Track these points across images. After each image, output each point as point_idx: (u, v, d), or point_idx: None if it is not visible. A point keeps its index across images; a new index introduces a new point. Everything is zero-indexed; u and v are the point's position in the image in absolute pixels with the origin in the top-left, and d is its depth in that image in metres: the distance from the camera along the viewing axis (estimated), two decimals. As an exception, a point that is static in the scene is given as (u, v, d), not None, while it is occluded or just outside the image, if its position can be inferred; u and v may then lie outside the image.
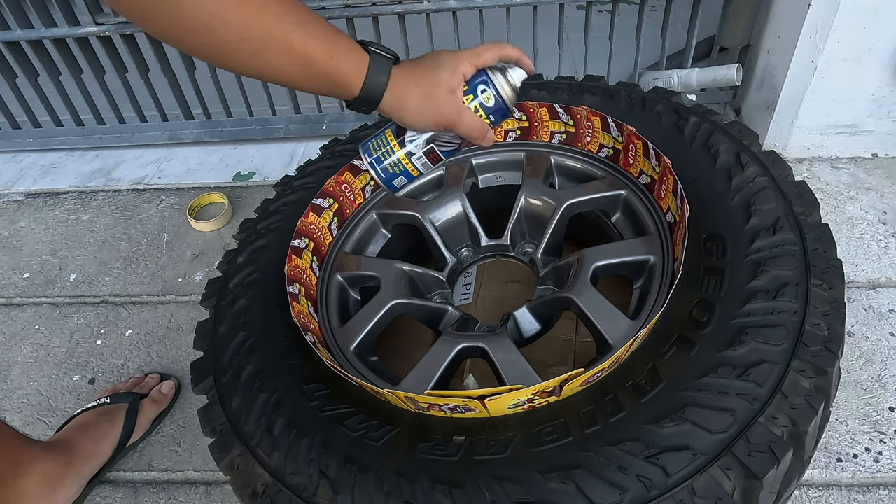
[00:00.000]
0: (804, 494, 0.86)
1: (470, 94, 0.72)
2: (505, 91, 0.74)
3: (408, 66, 0.70)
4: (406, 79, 0.69)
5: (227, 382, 0.77)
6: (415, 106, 0.70)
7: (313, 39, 0.62)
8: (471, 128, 0.73)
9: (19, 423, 1.09)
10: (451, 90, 0.70)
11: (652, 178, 0.88)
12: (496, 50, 0.74)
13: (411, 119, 0.71)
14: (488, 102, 0.73)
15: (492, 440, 0.64)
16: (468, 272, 1.05)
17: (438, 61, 0.71)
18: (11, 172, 1.68)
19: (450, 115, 0.71)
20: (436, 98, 0.70)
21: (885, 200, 1.25)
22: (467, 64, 0.71)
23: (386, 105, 0.69)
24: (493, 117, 0.75)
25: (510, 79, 0.74)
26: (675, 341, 0.68)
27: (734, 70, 1.36)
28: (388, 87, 0.68)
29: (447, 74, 0.70)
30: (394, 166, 0.77)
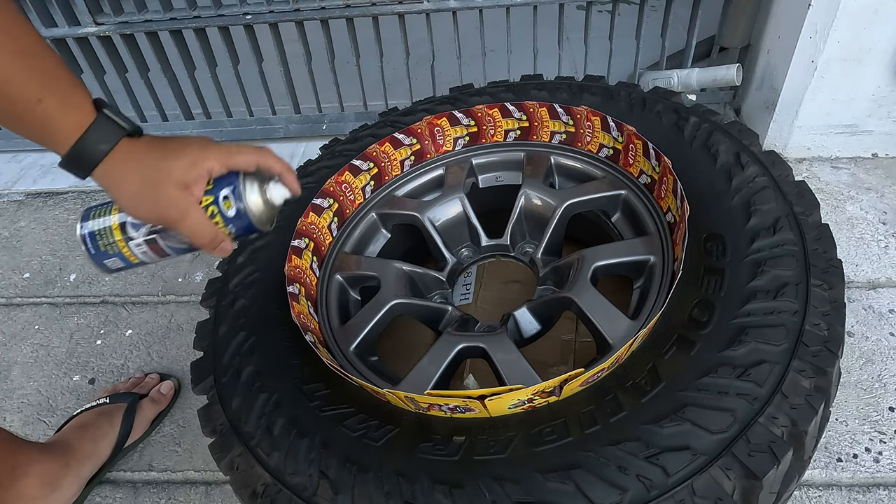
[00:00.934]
0: (804, 494, 0.86)
1: (210, 196, 0.63)
2: (252, 203, 0.64)
3: (144, 142, 0.60)
4: (131, 158, 0.59)
5: (227, 382, 0.77)
6: (131, 189, 0.59)
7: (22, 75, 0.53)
8: (196, 233, 0.63)
9: (19, 423, 1.09)
10: (183, 185, 0.60)
11: (652, 178, 0.88)
12: (254, 157, 0.64)
13: (125, 205, 0.61)
14: (228, 211, 0.63)
15: (492, 440, 0.64)
16: (468, 272, 1.05)
17: (181, 148, 0.61)
18: (11, 172, 1.68)
19: (170, 212, 0.61)
20: (159, 189, 0.59)
21: (885, 200, 1.25)
22: (215, 160, 0.62)
23: (98, 177, 0.59)
24: (234, 229, 0.65)
25: (266, 192, 0.65)
26: (675, 341, 0.68)
27: (734, 70, 1.36)
28: (105, 161, 0.58)
29: (183, 165, 0.60)
30: (108, 245, 0.65)
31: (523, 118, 1.01)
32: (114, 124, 0.58)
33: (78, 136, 0.56)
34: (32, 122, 0.56)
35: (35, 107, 0.54)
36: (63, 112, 0.56)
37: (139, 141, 0.60)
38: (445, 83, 1.33)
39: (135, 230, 0.65)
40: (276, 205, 0.67)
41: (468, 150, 1.05)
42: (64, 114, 0.56)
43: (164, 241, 0.66)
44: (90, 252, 0.66)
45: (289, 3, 1.38)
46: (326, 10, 1.38)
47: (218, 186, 0.63)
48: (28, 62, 0.54)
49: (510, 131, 1.03)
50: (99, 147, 0.57)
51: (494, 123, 1.02)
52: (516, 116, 1.01)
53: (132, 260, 0.67)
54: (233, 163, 0.63)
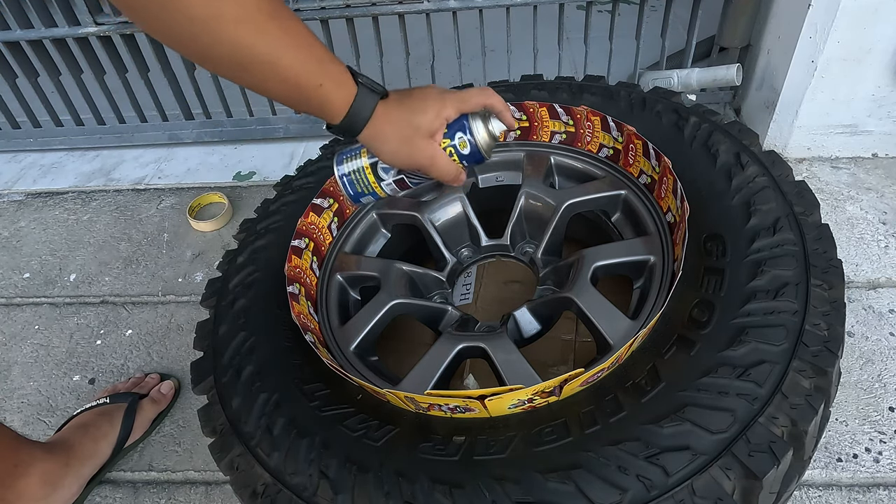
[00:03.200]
0: (804, 494, 0.86)
1: (448, 139, 0.74)
2: (482, 140, 0.74)
3: (393, 102, 0.70)
4: (387, 117, 0.69)
5: (227, 382, 0.77)
6: (391, 147, 0.71)
7: (304, 66, 0.62)
8: (442, 172, 0.74)
9: (19, 423, 1.09)
10: (429, 134, 0.71)
11: (652, 178, 0.88)
12: (483, 97, 0.75)
13: (386, 156, 0.73)
14: (464, 150, 0.74)
15: (492, 440, 0.64)
16: (468, 272, 1.05)
17: (424, 103, 0.71)
18: (11, 172, 1.68)
19: (423, 160, 0.72)
20: (412, 143, 0.71)
21: (885, 200, 1.25)
22: (451, 108, 0.72)
23: (364, 138, 0.70)
24: (467, 162, 0.76)
25: (490, 128, 0.75)
26: (675, 341, 0.68)
27: (734, 70, 1.36)
28: (369, 123, 0.69)
29: (429, 118, 0.71)
30: (362, 185, 0.78)
31: (523, 118, 1.01)
32: (370, 92, 0.68)
33: (347, 109, 0.67)
34: (314, 103, 0.66)
35: (318, 91, 0.64)
36: (335, 90, 0.66)
37: (389, 101, 0.70)
38: (445, 83, 1.33)
39: (385, 173, 0.77)
40: (497, 136, 0.76)
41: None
42: (335, 91, 0.66)
43: (409, 178, 0.78)
44: (348, 192, 0.79)
45: (289, 3, 1.38)
46: (326, 10, 1.38)
47: (452, 129, 0.74)
48: (309, 54, 0.63)
49: (510, 131, 1.03)
50: (363, 115, 0.68)
51: (494, 123, 1.02)
52: (516, 116, 1.01)
53: (381, 196, 0.80)
54: (466, 108, 0.74)
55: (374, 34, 1.41)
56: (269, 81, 0.62)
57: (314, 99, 0.65)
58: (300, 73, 0.62)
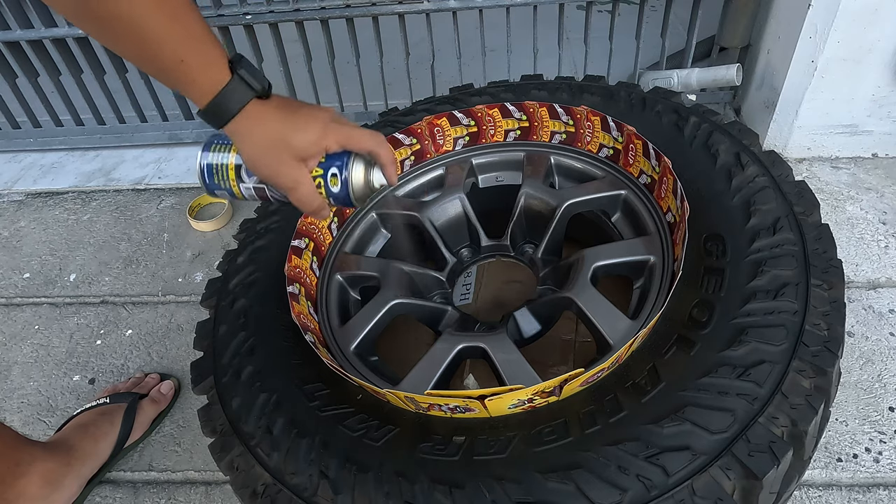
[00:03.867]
0: (804, 494, 0.86)
1: (321, 169, 0.68)
2: (357, 185, 0.69)
3: (273, 107, 0.64)
4: (260, 120, 0.64)
5: (227, 382, 0.77)
6: (255, 153, 0.65)
7: (171, 36, 0.58)
8: (303, 202, 0.68)
9: (19, 423, 1.09)
10: (301, 157, 0.65)
11: (652, 178, 0.88)
12: (372, 143, 0.69)
13: (246, 161, 0.67)
14: (333, 187, 0.69)
15: (492, 440, 0.64)
16: (468, 272, 1.05)
17: (307, 123, 0.65)
18: (11, 172, 1.68)
19: (285, 182, 0.66)
20: (279, 159, 0.65)
21: (885, 200, 1.25)
22: (334, 140, 0.67)
23: (228, 132, 0.65)
24: (334, 201, 0.71)
25: (370, 177, 0.70)
26: (675, 341, 0.68)
27: (734, 70, 1.36)
28: (236, 119, 0.63)
29: (307, 141, 0.65)
30: (221, 180, 0.72)
31: (523, 118, 1.01)
32: (245, 86, 0.62)
33: (213, 96, 0.61)
34: (174, 79, 0.61)
35: (178, 66, 0.59)
36: (201, 72, 0.60)
37: (269, 103, 0.64)
38: (445, 83, 1.33)
39: (248, 175, 0.71)
40: (376, 188, 0.72)
41: (468, 150, 1.05)
42: (202, 74, 0.61)
43: (270, 191, 0.72)
44: (205, 181, 0.73)
45: (289, 3, 1.38)
46: (326, 10, 1.38)
47: (329, 162, 0.68)
48: (181, 27, 0.58)
49: (510, 131, 1.03)
50: (230, 107, 0.62)
51: (494, 123, 1.02)
52: (516, 116, 1.01)
53: (238, 196, 0.74)
54: (350, 146, 0.68)
55: (374, 34, 1.41)
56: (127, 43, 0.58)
57: (174, 73, 0.60)
58: (163, 43, 0.58)
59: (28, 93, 1.63)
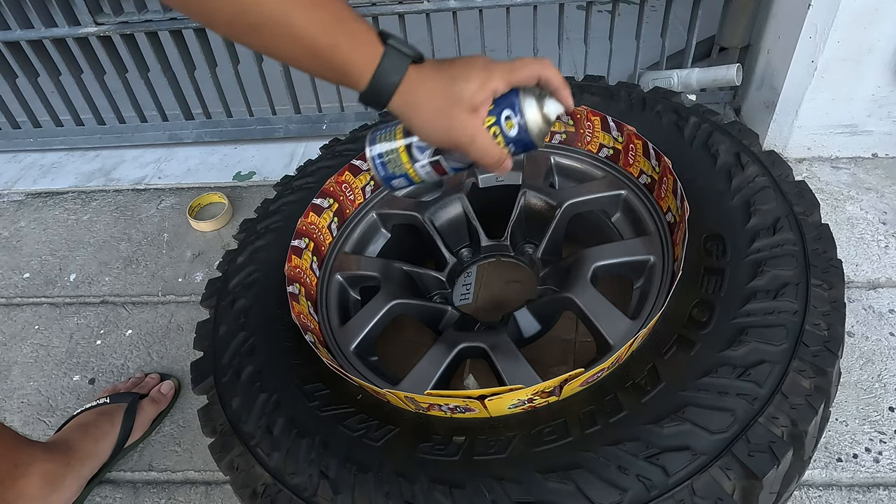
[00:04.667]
0: (804, 494, 0.86)
1: (493, 116, 0.63)
2: (533, 123, 0.64)
3: (430, 68, 0.62)
4: (422, 84, 0.61)
5: (227, 382, 0.77)
6: (425, 118, 0.62)
7: (318, 25, 0.56)
8: (483, 154, 0.64)
9: (19, 423, 1.09)
10: (471, 108, 0.61)
11: (652, 178, 0.88)
12: (537, 68, 0.64)
13: (419, 130, 0.64)
14: (510, 131, 0.64)
15: (492, 440, 0.64)
16: (468, 272, 1.05)
17: (467, 71, 0.62)
18: (11, 172, 1.68)
19: (461, 137, 0.62)
20: (449, 116, 0.61)
21: (885, 200, 1.25)
22: (499, 80, 0.62)
23: (394, 108, 0.62)
24: (514, 147, 0.65)
25: (544, 110, 0.64)
26: (675, 341, 0.68)
27: (734, 70, 1.36)
28: (399, 90, 0.60)
29: (472, 89, 0.61)
30: (395, 167, 0.69)
31: (523, 118, 1.00)
32: (400, 54, 0.60)
33: (372, 72, 0.59)
34: (333, 65, 0.59)
35: (335, 52, 0.58)
36: (356, 52, 0.59)
37: (425, 66, 0.62)
38: (445, 83, 1.33)
39: (420, 153, 0.68)
40: (552, 120, 0.66)
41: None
42: (358, 52, 0.59)
43: (446, 161, 0.69)
44: (380, 174, 0.71)
45: (289, 3, 1.38)
46: (326, 10, 1.38)
47: (499, 105, 0.64)
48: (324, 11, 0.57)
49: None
50: (391, 79, 0.60)
51: (494, 123, 1.02)
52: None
53: (416, 180, 0.71)
54: (516, 80, 0.64)
55: (374, 34, 1.41)
56: (281, 43, 0.57)
57: (332, 61, 0.58)
58: (313, 32, 0.56)
59: (28, 93, 1.63)
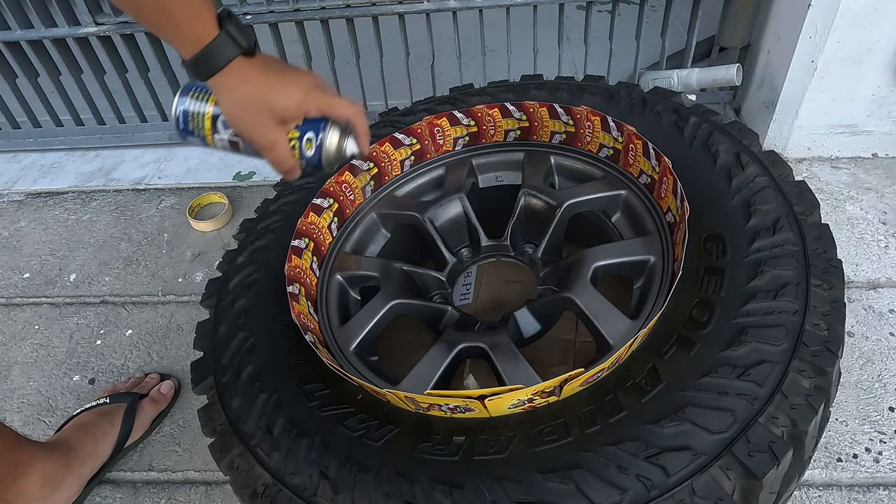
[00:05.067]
0: (804, 494, 0.86)
1: (298, 132, 0.70)
2: (330, 151, 0.71)
3: (257, 67, 0.65)
4: (245, 77, 0.64)
5: (227, 382, 0.77)
6: (235, 108, 0.66)
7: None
8: (277, 161, 0.70)
9: (19, 423, 1.09)
10: (280, 120, 0.67)
11: (652, 178, 0.88)
12: (350, 112, 0.70)
13: (225, 114, 0.68)
14: (307, 151, 0.70)
15: (492, 440, 0.64)
16: (468, 272, 1.05)
17: (290, 87, 0.67)
18: (11, 172, 1.68)
19: (261, 140, 0.68)
20: (257, 117, 0.66)
21: (885, 200, 1.25)
22: (314, 106, 0.68)
23: (211, 84, 0.66)
24: (305, 163, 0.72)
25: (342, 144, 0.72)
26: (675, 341, 0.68)
27: (734, 70, 1.36)
28: (220, 73, 0.64)
29: (288, 105, 0.66)
30: (196, 127, 0.73)
31: (523, 118, 1.01)
32: (232, 42, 0.63)
33: (198, 50, 0.62)
34: (162, 28, 0.62)
35: (164, 17, 0.60)
36: (187, 25, 0.61)
37: (254, 62, 0.65)
38: (445, 83, 1.33)
39: (224, 128, 0.72)
40: (347, 157, 0.73)
41: (468, 150, 1.05)
42: (188, 27, 0.61)
43: (244, 145, 0.73)
44: (178, 126, 0.74)
45: (289, 3, 1.38)
46: (326, 10, 1.38)
47: (306, 126, 0.70)
48: None
49: (510, 131, 1.03)
50: (213, 63, 0.63)
51: (494, 123, 1.02)
52: (516, 116, 1.01)
53: (211, 146, 0.75)
54: (328, 112, 0.70)
55: (374, 34, 1.41)
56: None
57: (161, 24, 0.61)
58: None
59: (28, 93, 1.63)
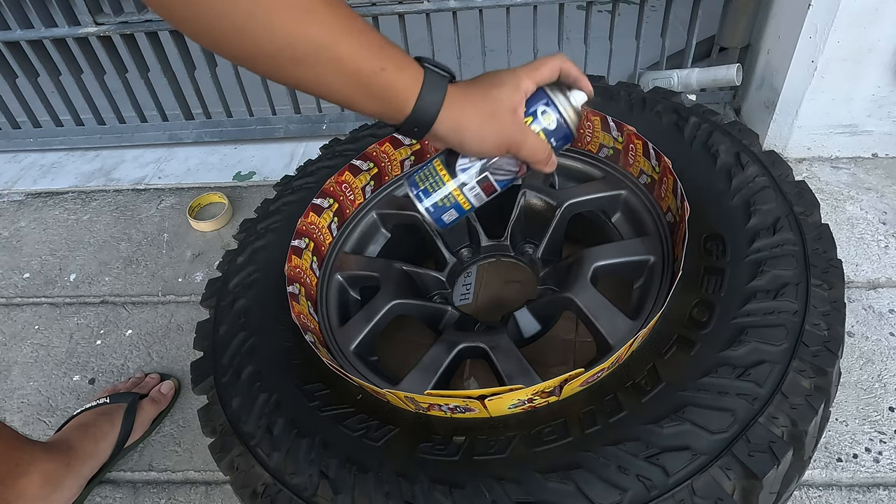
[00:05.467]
0: (804, 494, 0.86)
1: (529, 116, 0.67)
2: (568, 112, 0.68)
3: (463, 84, 0.64)
4: (463, 98, 0.63)
5: (227, 382, 0.77)
6: (475, 127, 0.63)
7: (363, 51, 0.57)
8: (535, 150, 0.67)
9: (19, 423, 1.09)
10: (512, 109, 0.65)
11: (652, 178, 0.88)
12: (557, 62, 0.68)
13: (471, 142, 0.65)
14: (550, 125, 0.67)
15: (492, 440, 0.64)
16: (468, 272, 1.05)
17: (496, 79, 0.65)
18: (11, 172, 1.68)
19: (514, 135, 0.65)
20: (498, 118, 0.64)
21: (885, 200, 1.25)
22: (528, 80, 0.66)
23: (442, 126, 0.63)
24: (555, 141, 0.68)
25: (572, 100, 0.69)
26: (675, 341, 0.68)
27: (734, 70, 1.36)
28: (444, 107, 0.62)
29: (508, 92, 0.64)
30: (444, 199, 0.70)
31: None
32: (439, 75, 0.62)
33: (417, 94, 0.61)
34: (378, 91, 0.60)
35: (380, 76, 0.59)
36: (399, 74, 0.60)
37: (459, 84, 0.64)
38: (445, 83, 1.33)
39: (465, 175, 0.70)
40: (579, 108, 0.70)
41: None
42: (401, 75, 0.60)
43: (493, 176, 0.70)
44: (429, 212, 0.71)
45: (289, 3, 1.38)
46: (326, 10, 1.38)
47: (532, 104, 0.67)
48: (367, 39, 0.58)
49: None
50: (435, 98, 0.61)
51: (494, 123, 1.02)
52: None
53: (465, 207, 0.72)
54: (540, 77, 0.67)
55: (374, 34, 1.41)
56: (327, 72, 0.57)
57: (377, 87, 0.59)
58: (360, 59, 0.57)
59: (28, 93, 1.63)
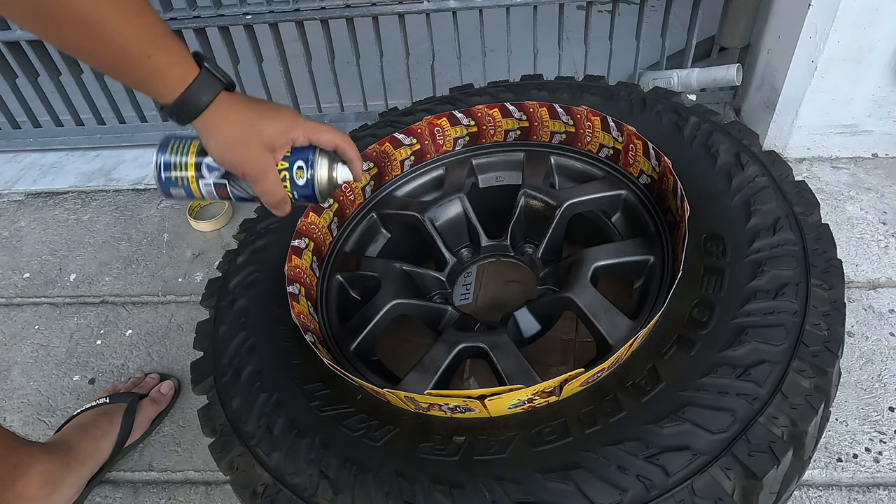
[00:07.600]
0: (804, 494, 0.86)
1: (286, 162, 0.69)
2: (321, 179, 0.71)
3: (240, 99, 0.66)
4: (231, 110, 0.65)
5: (227, 382, 0.78)
6: (224, 141, 0.66)
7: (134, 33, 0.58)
8: (270, 191, 0.69)
9: (19, 423, 1.09)
10: (270, 147, 0.67)
11: (652, 178, 0.88)
12: (337, 139, 0.71)
13: (215, 151, 0.67)
14: (299, 180, 0.70)
15: (492, 440, 0.64)
16: (468, 272, 1.05)
17: (275, 114, 0.68)
18: (11, 172, 1.68)
19: (254, 169, 0.67)
20: (248, 146, 0.66)
21: (885, 200, 1.25)
22: (302, 133, 0.69)
23: (197, 125, 0.65)
24: (297, 195, 0.71)
25: (333, 172, 0.72)
26: (675, 341, 0.68)
27: (734, 70, 1.36)
28: (207, 110, 0.64)
29: (276, 130, 0.67)
30: (178, 179, 0.72)
31: (523, 118, 1.01)
32: (214, 78, 0.64)
33: (183, 89, 0.62)
34: (139, 76, 0.61)
35: (146, 62, 0.59)
36: (169, 67, 0.61)
37: (235, 96, 0.66)
38: (445, 83, 1.33)
39: (209, 172, 0.71)
40: (339, 184, 0.73)
41: (468, 150, 1.05)
42: (170, 69, 0.61)
43: (231, 187, 0.72)
44: (160, 179, 0.72)
45: (289, 3, 1.38)
46: (326, 10, 1.38)
47: (295, 155, 0.70)
48: (143, 25, 0.58)
49: (510, 131, 1.03)
50: (201, 98, 0.63)
51: (494, 123, 1.02)
52: (516, 116, 1.01)
53: (196, 195, 0.73)
54: (316, 139, 0.70)
55: (373, 34, 1.41)
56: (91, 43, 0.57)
57: (140, 71, 0.60)
58: (128, 40, 0.58)
59: (28, 93, 1.63)
